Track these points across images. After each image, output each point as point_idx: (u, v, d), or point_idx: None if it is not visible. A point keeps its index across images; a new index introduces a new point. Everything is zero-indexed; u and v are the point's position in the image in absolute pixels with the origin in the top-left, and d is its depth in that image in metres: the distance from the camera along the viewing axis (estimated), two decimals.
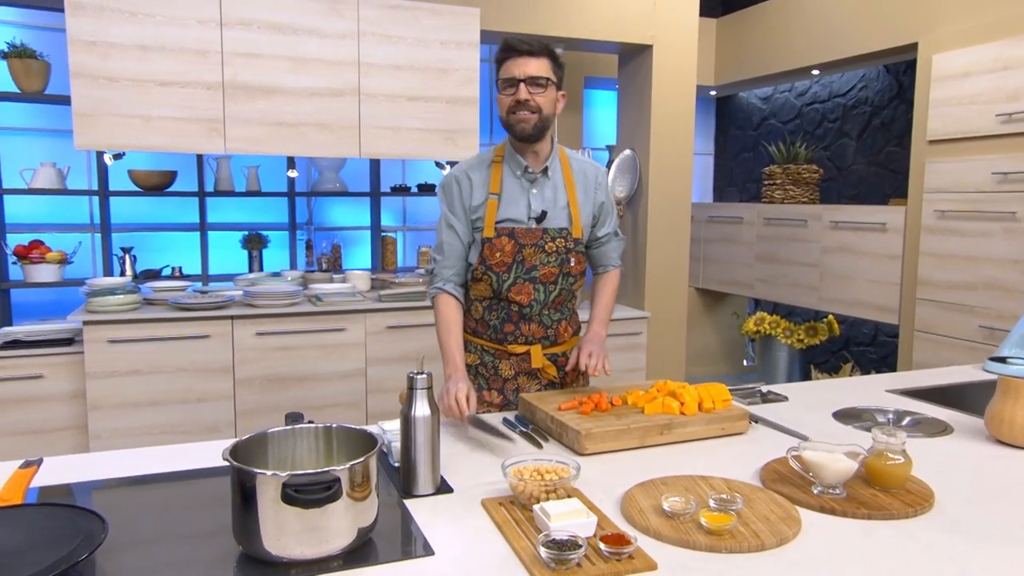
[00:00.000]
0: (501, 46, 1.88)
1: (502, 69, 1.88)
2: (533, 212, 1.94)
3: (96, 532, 1.08)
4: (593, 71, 4.89)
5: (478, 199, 1.95)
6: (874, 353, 4.85)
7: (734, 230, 5.11)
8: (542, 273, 1.95)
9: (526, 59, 1.84)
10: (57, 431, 3.16)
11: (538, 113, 1.86)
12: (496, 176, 1.96)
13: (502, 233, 1.93)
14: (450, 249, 1.98)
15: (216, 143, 3.30)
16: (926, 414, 1.89)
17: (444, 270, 1.99)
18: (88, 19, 3.07)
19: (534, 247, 1.94)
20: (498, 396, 2.02)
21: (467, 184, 1.96)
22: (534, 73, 1.84)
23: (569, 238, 1.97)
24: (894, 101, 4.61)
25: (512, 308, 1.97)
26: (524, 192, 1.96)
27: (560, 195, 1.98)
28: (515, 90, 1.85)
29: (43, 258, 3.81)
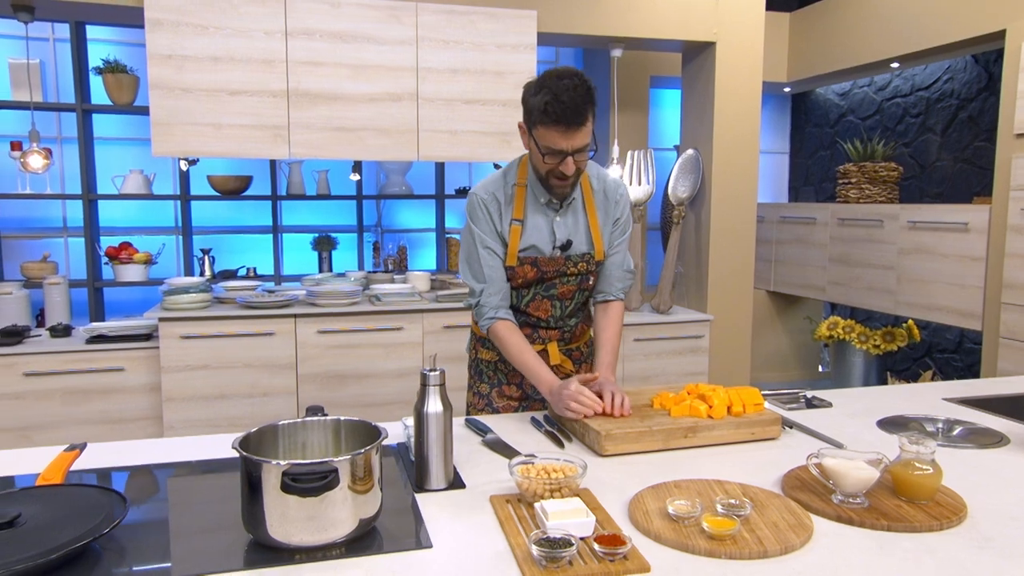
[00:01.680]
0: (544, 110, 1.68)
1: (542, 133, 1.72)
2: (558, 241, 1.90)
3: (118, 512, 1.15)
4: (658, 70, 4.82)
5: (503, 224, 1.90)
6: (959, 361, 4.57)
7: (807, 231, 4.92)
8: (560, 291, 1.95)
9: (576, 131, 1.69)
10: (136, 420, 3.37)
11: (578, 175, 1.80)
12: (520, 201, 1.88)
13: (525, 262, 1.90)
14: (492, 273, 1.89)
15: (281, 148, 3.44)
16: (980, 424, 1.78)
17: (491, 298, 1.90)
18: (165, 34, 3.26)
19: (556, 272, 1.92)
20: (517, 390, 2.05)
21: (495, 207, 1.89)
22: (581, 144, 1.72)
23: (591, 261, 1.94)
24: (983, 93, 4.33)
25: (530, 319, 1.98)
26: (548, 220, 1.90)
27: (581, 219, 1.93)
28: (560, 160, 1.73)
29: (131, 259, 4.08)
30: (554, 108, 1.66)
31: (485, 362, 2.08)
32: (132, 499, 1.36)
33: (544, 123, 1.70)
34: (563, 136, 1.69)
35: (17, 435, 3.23)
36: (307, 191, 4.42)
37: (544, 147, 1.74)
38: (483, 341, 2.08)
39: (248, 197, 4.31)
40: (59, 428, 3.27)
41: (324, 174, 4.43)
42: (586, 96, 1.68)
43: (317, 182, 4.42)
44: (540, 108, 1.69)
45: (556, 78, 1.69)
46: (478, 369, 2.10)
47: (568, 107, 1.66)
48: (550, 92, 1.67)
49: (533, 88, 1.73)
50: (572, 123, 1.68)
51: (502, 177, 1.93)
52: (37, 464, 1.45)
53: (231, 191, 4.22)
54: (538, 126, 1.73)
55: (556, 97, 1.66)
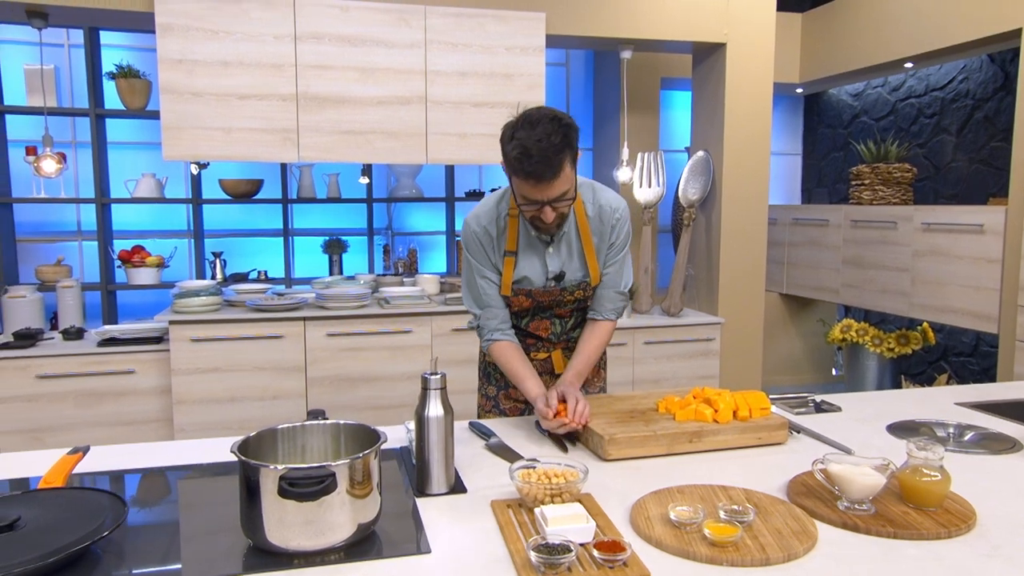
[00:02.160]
0: (517, 164, 1.61)
1: (520, 185, 1.66)
2: (551, 272, 1.87)
3: (118, 515, 1.16)
4: (669, 72, 4.79)
5: (498, 256, 1.88)
6: (975, 364, 4.51)
7: (820, 233, 4.88)
8: (559, 312, 1.96)
9: (549, 183, 1.62)
10: (147, 423, 3.39)
11: (562, 219, 1.75)
12: (512, 232, 1.84)
13: (519, 292, 1.89)
14: (489, 299, 1.89)
15: (290, 152, 3.46)
16: (992, 429, 1.75)
17: (490, 321, 1.91)
18: (176, 39, 3.28)
19: (552, 301, 1.92)
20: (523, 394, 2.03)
21: (488, 241, 1.86)
22: (558, 193, 1.66)
23: (588, 288, 1.91)
24: (999, 92, 4.28)
25: (532, 335, 2.00)
26: (540, 253, 1.86)
27: (575, 248, 1.88)
28: (537, 209, 1.69)
29: (143, 262, 4.10)
30: (524, 163, 1.60)
31: (493, 365, 2.08)
32: (134, 502, 1.37)
33: (516, 175, 1.65)
34: (536, 188, 1.64)
35: (30, 437, 3.25)
36: (318, 194, 4.43)
37: (520, 197, 1.70)
38: None
39: (259, 200, 4.33)
40: (71, 430, 3.30)
41: (335, 177, 4.44)
42: (560, 146, 1.59)
43: (328, 185, 4.44)
44: (512, 159, 1.63)
45: (529, 127, 1.61)
46: (486, 372, 2.10)
47: (538, 161, 1.59)
48: (520, 145, 1.60)
49: (507, 134, 1.66)
50: (543, 177, 1.61)
51: (495, 207, 1.87)
52: (49, 466, 1.46)
53: (242, 194, 4.24)
54: (512, 176, 1.69)
55: (526, 151, 1.59)
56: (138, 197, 4.10)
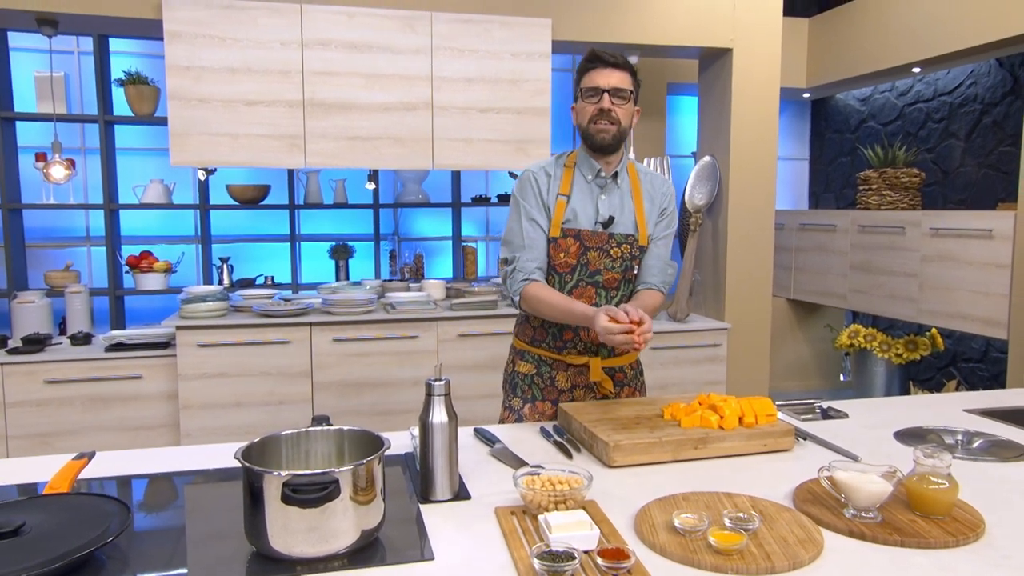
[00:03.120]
0: (587, 56, 1.93)
1: (585, 78, 1.92)
2: (601, 216, 1.95)
3: (122, 520, 1.16)
4: (675, 77, 4.79)
5: (551, 197, 1.97)
6: (985, 370, 4.48)
7: (827, 238, 4.86)
8: (605, 278, 1.95)
9: (611, 71, 1.89)
10: (154, 428, 3.40)
11: (617, 124, 1.89)
12: (567, 178, 1.98)
13: (568, 234, 1.94)
14: (532, 242, 1.94)
15: (297, 158, 3.47)
16: (1002, 436, 1.73)
17: (527, 263, 1.93)
18: (183, 45, 3.30)
19: (599, 251, 1.94)
20: (551, 408, 1.99)
21: (545, 181, 1.98)
22: (617, 84, 1.88)
23: (635, 244, 1.96)
24: (1008, 97, 4.26)
25: (569, 330, 1.96)
26: (593, 197, 1.97)
27: (627, 202, 1.98)
28: (598, 99, 1.89)
29: (151, 267, 4.12)
30: (594, 53, 1.92)
31: (521, 375, 2.04)
32: (138, 507, 1.37)
33: (585, 69, 1.92)
34: (600, 74, 1.89)
35: (38, 442, 3.27)
36: (324, 200, 4.44)
37: (585, 90, 1.91)
38: (522, 354, 2.05)
39: (266, 206, 4.34)
40: (79, 435, 3.31)
41: (341, 183, 4.45)
42: (625, 58, 1.92)
43: (334, 191, 4.45)
44: (584, 58, 1.93)
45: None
46: (513, 383, 2.06)
47: (607, 53, 1.91)
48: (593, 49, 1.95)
49: None
50: (608, 62, 1.89)
51: (555, 159, 2.05)
52: (40, 473, 1.46)
53: (249, 200, 4.26)
54: (581, 77, 1.93)
55: (600, 50, 1.93)
56: (146, 203, 4.12)
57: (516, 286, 1.94)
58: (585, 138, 1.95)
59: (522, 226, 1.95)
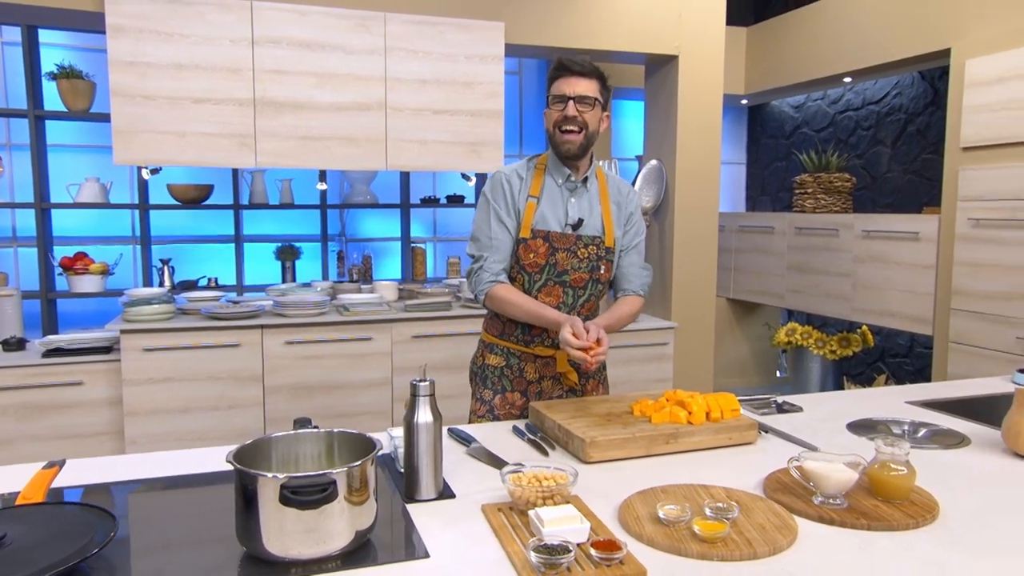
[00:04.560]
0: (555, 64, 1.97)
1: (553, 86, 1.97)
2: (570, 219, 2.03)
3: (107, 530, 1.13)
4: (621, 81, 4.90)
5: (521, 200, 2.03)
6: (910, 365, 4.74)
7: (765, 240, 5.05)
8: (573, 278, 2.02)
9: (577, 79, 1.93)
10: (96, 436, 3.28)
11: (583, 131, 1.95)
12: (538, 181, 2.05)
13: (538, 235, 2.00)
14: (499, 244, 2.02)
15: (247, 157, 3.40)
16: (944, 426, 1.86)
17: (493, 264, 2.02)
18: (128, 40, 3.20)
19: (567, 251, 2.01)
20: (520, 398, 2.08)
21: (517, 183, 2.05)
22: (583, 92, 1.93)
23: (601, 246, 2.04)
24: (929, 107, 4.52)
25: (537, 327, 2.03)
26: (563, 199, 2.04)
27: (596, 206, 2.06)
28: (564, 106, 1.94)
29: (87, 269, 3.96)
30: (563, 60, 1.96)
31: (491, 368, 2.11)
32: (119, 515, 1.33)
33: (553, 77, 1.97)
34: (566, 82, 1.93)
35: None
36: (270, 200, 4.36)
37: (552, 97, 1.97)
38: (492, 347, 2.12)
39: (210, 206, 4.24)
40: (14, 445, 3.16)
41: (287, 183, 4.38)
42: (595, 68, 1.96)
43: (280, 191, 4.38)
44: (553, 66, 1.97)
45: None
46: (483, 375, 2.13)
47: (574, 60, 1.95)
48: (563, 56, 1.99)
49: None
50: (574, 71, 1.93)
51: (527, 161, 2.11)
52: (22, 481, 1.41)
53: (192, 200, 4.14)
54: (550, 85, 1.98)
55: (569, 56, 1.98)
56: (81, 202, 3.96)
57: (482, 286, 2.02)
58: (553, 145, 2.01)
59: (491, 226, 2.03)
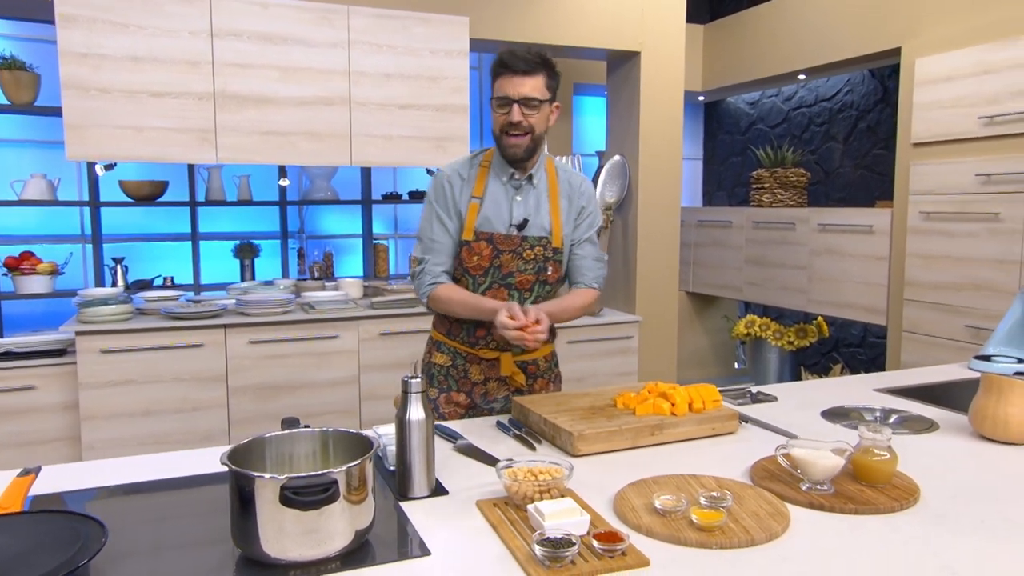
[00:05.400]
0: (497, 61, 1.86)
1: (496, 85, 1.87)
2: (515, 219, 1.95)
3: (95, 538, 1.09)
4: (581, 77, 4.93)
5: (463, 201, 1.96)
6: (863, 354, 4.90)
7: (723, 234, 5.15)
8: (518, 280, 1.97)
9: (521, 78, 1.83)
10: (50, 442, 3.16)
11: (530, 134, 1.87)
12: (481, 180, 1.97)
13: (481, 237, 1.94)
14: (441, 247, 1.96)
15: (208, 153, 3.32)
16: (912, 412, 1.92)
17: (435, 267, 1.97)
18: (79, 31, 3.08)
19: (512, 253, 1.95)
20: (465, 399, 2.05)
21: (457, 183, 1.97)
22: (528, 93, 1.83)
23: (548, 247, 1.97)
24: (879, 104, 4.67)
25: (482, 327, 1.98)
26: (508, 199, 1.96)
27: (543, 204, 1.98)
28: (508, 110, 1.85)
29: (34, 269, 3.80)
30: (505, 57, 1.84)
31: (438, 366, 2.08)
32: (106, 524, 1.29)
33: (496, 74, 1.86)
34: (509, 82, 1.83)
35: None
36: (227, 196, 4.26)
37: (495, 97, 1.86)
38: (439, 345, 2.08)
39: (165, 203, 4.11)
40: None
41: (245, 179, 4.28)
42: (540, 59, 1.84)
43: (238, 187, 4.27)
44: (494, 62, 1.86)
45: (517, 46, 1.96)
46: (429, 373, 2.10)
47: (518, 57, 1.83)
48: (508, 49, 1.87)
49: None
50: (518, 69, 1.82)
51: (469, 159, 2.02)
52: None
53: (145, 197, 4.01)
54: (494, 82, 1.87)
55: (511, 50, 1.85)
56: (27, 199, 3.80)
57: (424, 289, 1.98)
58: (498, 147, 1.94)
59: (432, 228, 1.97)
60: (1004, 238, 3.32)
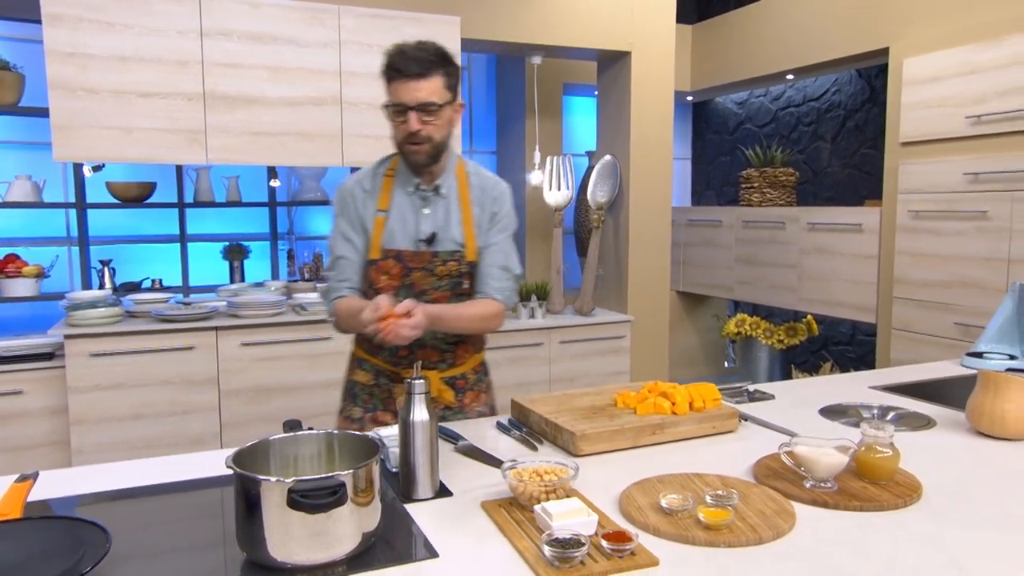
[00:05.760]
0: (387, 62, 1.70)
1: (390, 89, 1.72)
2: (422, 234, 1.81)
3: (98, 544, 1.08)
4: (571, 78, 4.93)
5: (368, 215, 1.82)
6: (852, 352, 4.94)
7: (713, 233, 5.17)
8: (433, 298, 1.82)
9: (416, 82, 1.66)
10: (38, 447, 3.11)
11: (430, 141, 1.73)
12: (386, 191, 1.82)
13: (389, 255, 1.81)
14: (347, 264, 1.83)
15: (197, 154, 3.29)
16: (909, 409, 1.94)
17: (339, 283, 1.84)
18: (65, 30, 3.04)
19: (423, 271, 1.82)
20: (393, 419, 1.89)
21: (360, 196, 1.83)
22: (425, 99, 1.67)
23: (463, 261, 1.84)
24: (866, 104, 4.71)
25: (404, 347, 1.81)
26: (415, 211, 1.82)
27: (453, 214, 1.84)
28: (404, 119, 1.70)
29: (19, 272, 3.75)
30: (396, 58, 1.68)
31: (361, 385, 1.94)
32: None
33: (389, 77, 1.70)
34: (403, 87, 1.67)
35: None
36: (216, 198, 4.22)
37: (389, 103, 1.73)
38: (361, 363, 1.94)
39: (152, 205, 4.07)
40: None
41: (234, 180, 4.24)
42: (435, 56, 1.69)
43: (227, 188, 4.24)
44: (387, 59, 1.70)
45: (411, 41, 1.72)
46: (352, 392, 1.96)
47: (411, 58, 1.67)
48: (398, 47, 1.70)
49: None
50: (412, 72, 1.66)
51: (373, 168, 1.89)
52: None
53: (133, 198, 3.97)
54: (387, 85, 1.72)
55: (401, 50, 1.69)
56: (11, 201, 3.75)
57: (329, 307, 1.85)
58: (400, 154, 1.81)
59: (338, 244, 1.85)
60: (992, 236, 3.35)
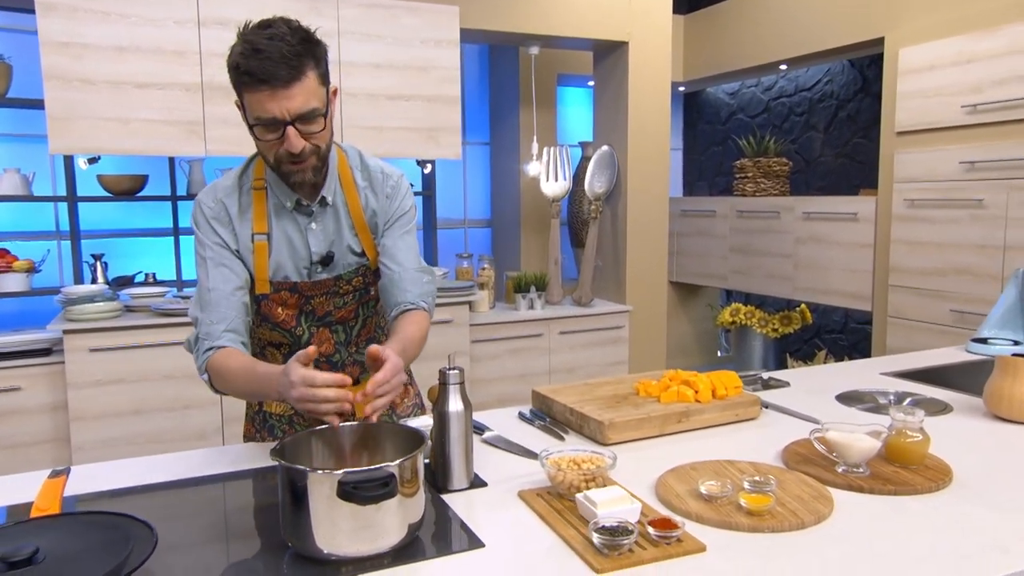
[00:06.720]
0: (240, 69, 1.30)
1: (251, 101, 1.32)
2: (315, 255, 1.52)
3: (145, 538, 1.06)
4: (565, 68, 4.92)
5: (243, 236, 1.48)
6: (845, 340, 4.99)
7: (708, 223, 5.19)
8: (338, 316, 1.59)
9: (286, 90, 1.29)
10: (37, 444, 3.07)
11: (316, 153, 1.40)
12: (260, 208, 1.48)
13: (281, 288, 1.51)
14: (220, 296, 1.44)
15: (196, 145, 3.24)
16: (924, 394, 1.96)
17: (213, 326, 1.43)
18: (60, 19, 2.98)
19: (325, 296, 1.55)
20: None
21: (225, 217, 1.47)
22: (301, 108, 1.31)
23: (368, 273, 1.59)
24: (859, 94, 4.74)
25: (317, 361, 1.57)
26: (300, 230, 1.51)
27: (344, 221, 1.54)
28: (281, 136, 1.33)
29: (10, 267, 3.69)
30: (252, 61, 1.27)
31: (276, 416, 1.66)
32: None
33: (245, 85, 1.31)
34: (271, 99, 1.29)
35: None
36: None
37: (254, 118, 1.34)
38: None
39: (145, 198, 4.01)
40: None
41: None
42: (300, 46, 1.30)
43: None
44: (238, 60, 1.29)
45: (260, 27, 1.31)
46: (267, 424, 1.67)
47: (272, 60, 1.26)
48: (247, 42, 1.29)
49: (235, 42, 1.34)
50: (279, 77, 1.27)
51: (236, 179, 1.50)
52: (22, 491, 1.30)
53: (125, 191, 3.91)
54: (242, 92, 1.34)
55: (254, 47, 1.27)
56: (1, 195, 3.67)
57: (200, 360, 1.44)
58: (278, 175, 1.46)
59: (208, 275, 1.46)
60: (987, 224, 3.40)
